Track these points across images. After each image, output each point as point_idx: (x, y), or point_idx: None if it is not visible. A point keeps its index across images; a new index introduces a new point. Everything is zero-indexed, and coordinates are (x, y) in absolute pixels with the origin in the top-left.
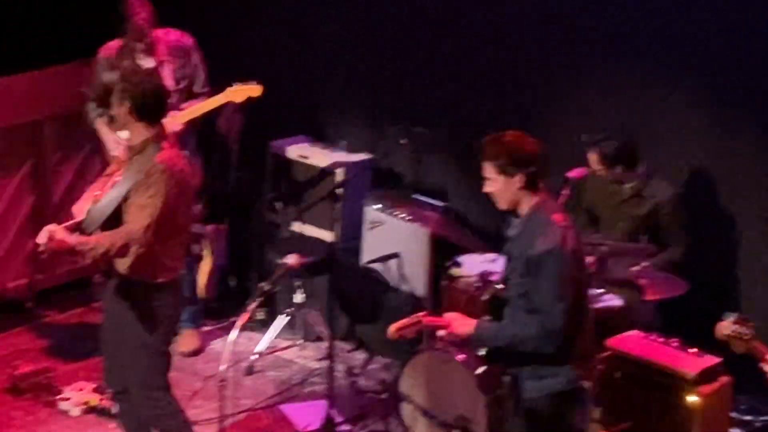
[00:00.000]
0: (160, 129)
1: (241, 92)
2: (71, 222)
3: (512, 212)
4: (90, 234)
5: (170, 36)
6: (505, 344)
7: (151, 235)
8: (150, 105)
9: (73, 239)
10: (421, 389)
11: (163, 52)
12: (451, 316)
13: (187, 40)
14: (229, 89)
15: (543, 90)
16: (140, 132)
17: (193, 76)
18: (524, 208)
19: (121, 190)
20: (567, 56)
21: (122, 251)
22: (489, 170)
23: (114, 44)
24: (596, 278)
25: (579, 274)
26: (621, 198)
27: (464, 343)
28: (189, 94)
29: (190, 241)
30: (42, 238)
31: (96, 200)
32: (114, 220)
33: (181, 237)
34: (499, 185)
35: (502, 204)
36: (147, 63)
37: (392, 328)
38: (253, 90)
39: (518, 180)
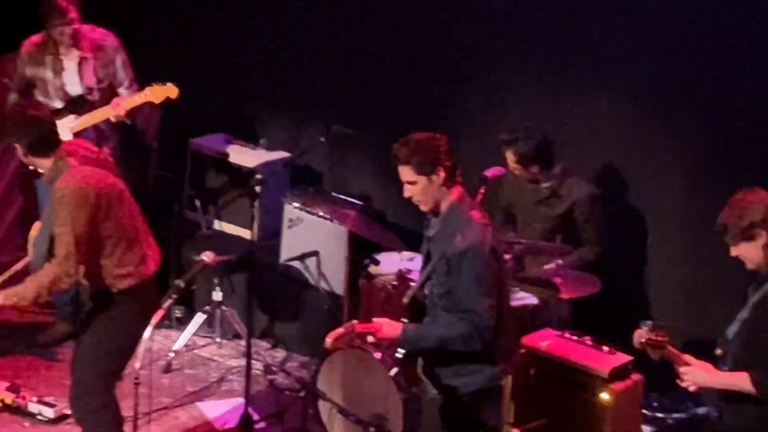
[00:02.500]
0: (60, 152)
1: (158, 93)
2: (12, 270)
3: (431, 212)
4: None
5: (95, 34)
6: (433, 346)
7: (74, 261)
8: (42, 142)
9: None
10: (338, 387)
11: (87, 49)
12: (380, 321)
13: (112, 39)
14: (147, 89)
15: (461, 90)
16: (44, 164)
17: (116, 76)
18: (443, 207)
19: (46, 222)
20: (485, 56)
21: (54, 286)
22: (408, 173)
23: (36, 38)
24: (512, 276)
25: (499, 272)
26: (537, 197)
27: (390, 346)
28: (113, 94)
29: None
30: None
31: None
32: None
33: (127, 240)
34: (421, 186)
35: (426, 205)
36: (70, 57)
37: (329, 338)
38: (171, 91)
39: (439, 176)
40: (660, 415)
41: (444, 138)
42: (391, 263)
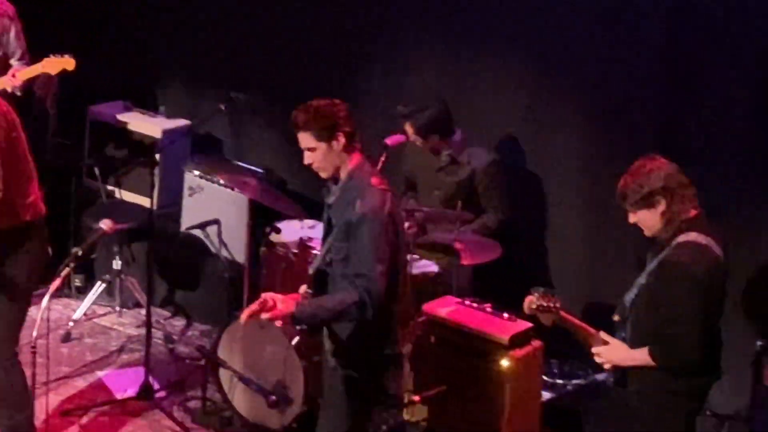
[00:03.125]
0: None
1: (55, 64)
2: None
3: (331, 178)
4: None
5: None
6: (328, 318)
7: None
8: None
9: None
10: (239, 355)
11: None
12: (275, 298)
13: (7, 7)
14: (44, 60)
15: (362, 57)
16: None
17: (8, 46)
18: (343, 173)
19: None
20: (385, 25)
21: None
22: (307, 140)
23: None
24: (412, 244)
25: (397, 239)
26: (438, 165)
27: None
28: (5, 64)
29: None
30: None
31: None
32: None
33: (28, 171)
34: (321, 152)
35: (326, 172)
36: None
37: (243, 315)
38: (68, 63)
39: (339, 142)
40: (560, 381)
41: (343, 104)
42: (292, 231)
